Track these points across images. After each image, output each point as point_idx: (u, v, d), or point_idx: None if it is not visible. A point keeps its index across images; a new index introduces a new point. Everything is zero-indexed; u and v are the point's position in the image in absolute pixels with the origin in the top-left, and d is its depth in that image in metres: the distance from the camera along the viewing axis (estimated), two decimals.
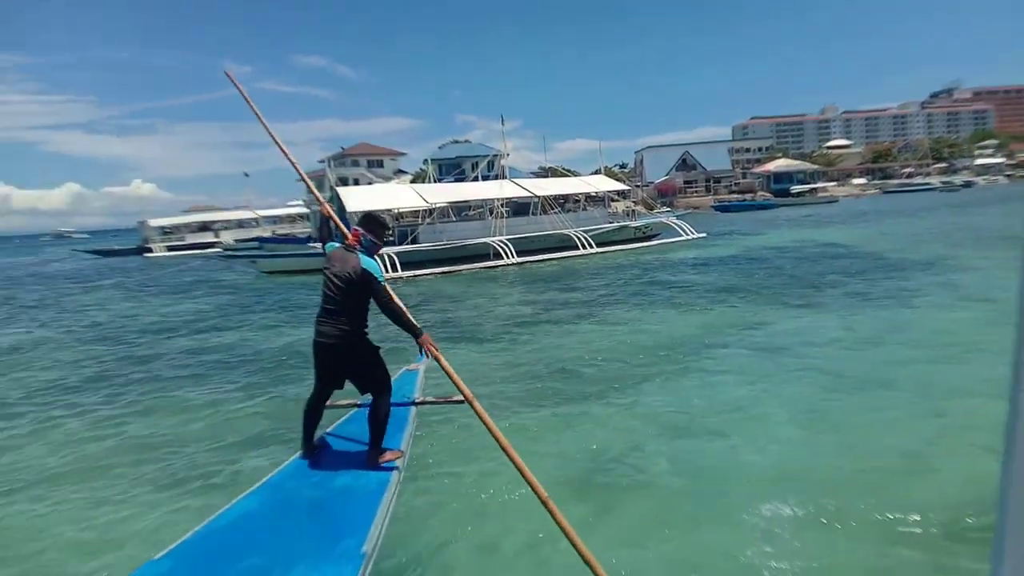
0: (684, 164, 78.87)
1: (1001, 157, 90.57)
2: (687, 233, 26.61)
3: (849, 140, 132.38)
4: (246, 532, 2.90)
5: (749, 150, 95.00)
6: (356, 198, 22.74)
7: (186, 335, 11.95)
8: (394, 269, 19.58)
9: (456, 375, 3.43)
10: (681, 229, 26.97)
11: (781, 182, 71.09)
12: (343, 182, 42.48)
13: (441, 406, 4.89)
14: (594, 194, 29.35)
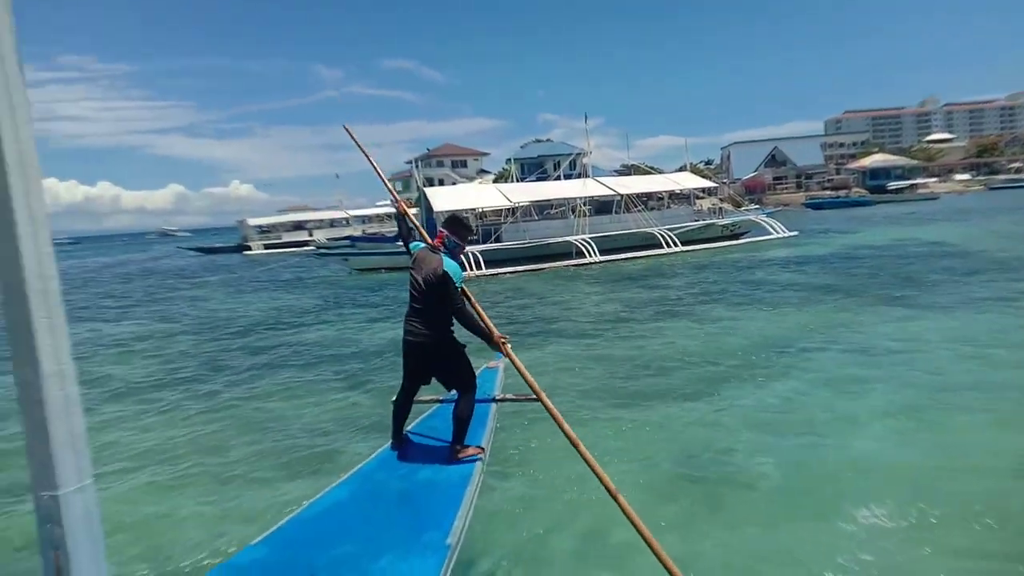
0: (773, 160, 75.20)
1: None
2: (777, 231, 25.37)
3: (951, 134, 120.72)
4: (338, 520, 3.06)
5: (843, 145, 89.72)
6: (442, 198, 23.43)
7: (289, 328, 12.76)
8: (478, 267, 20.00)
9: (528, 374, 3.50)
10: (771, 227, 25.74)
11: (877, 178, 67.02)
12: (429, 182, 43.79)
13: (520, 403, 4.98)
14: (679, 191, 28.55)
